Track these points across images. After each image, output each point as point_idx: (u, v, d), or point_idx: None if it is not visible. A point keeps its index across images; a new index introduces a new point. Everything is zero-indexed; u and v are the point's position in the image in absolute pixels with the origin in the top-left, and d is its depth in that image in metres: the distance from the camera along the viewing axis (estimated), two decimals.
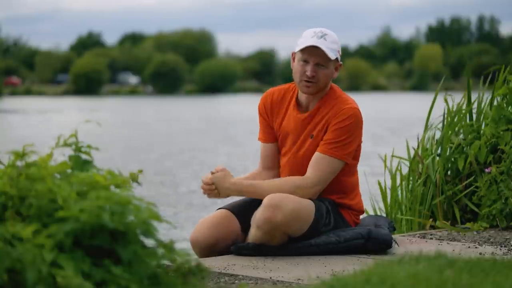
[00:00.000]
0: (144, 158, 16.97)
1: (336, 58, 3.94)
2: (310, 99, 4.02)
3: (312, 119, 4.00)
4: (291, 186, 3.91)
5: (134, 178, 2.57)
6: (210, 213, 4.13)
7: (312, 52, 3.89)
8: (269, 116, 4.11)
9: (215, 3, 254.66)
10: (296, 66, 3.96)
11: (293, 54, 3.99)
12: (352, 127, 3.92)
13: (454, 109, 5.31)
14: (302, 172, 3.98)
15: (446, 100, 5.29)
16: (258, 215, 3.86)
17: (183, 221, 8.80)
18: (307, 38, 3.91)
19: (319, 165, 3.92)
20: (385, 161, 5.41)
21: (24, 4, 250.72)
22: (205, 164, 15.60)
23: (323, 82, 3.94)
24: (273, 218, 3.81)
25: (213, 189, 3.97)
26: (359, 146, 4.02)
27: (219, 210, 4.09)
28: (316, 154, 3.94)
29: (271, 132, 4.13)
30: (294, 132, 4.04)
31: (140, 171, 2.58)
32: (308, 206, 3.89)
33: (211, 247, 3.96)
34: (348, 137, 3.91)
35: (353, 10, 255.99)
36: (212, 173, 3.98)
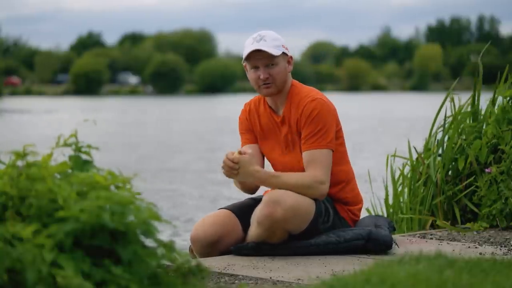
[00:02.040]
0: (187, 157, 17.01)
1: (284, 53, 4.00)
2: (276, 99, 4.08)
3: (285, 121, 4.05)
4: (309, 180, 3.91)
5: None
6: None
7: (257, 57, 3.97)
8: (250, 124, 4.16)
9: (215, 3, 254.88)
10: (250, 75, 4.04)
11: (245, 66, 4.06)
12: (322, 115, 3.96)
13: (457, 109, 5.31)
14: (301, 170, 4.00)
15: (452, 100, 5.28)
16: (259, 211, 3.87)
17: None
18: (248, 46, 3.99)
19: (316, 161, 3.94)
20: (387, 162, 5.41)
21: (25, 4, 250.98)
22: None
23: (280, 79, 3.99)
24: (274, 214, 3.82)
25: (236, 169, 3.89)
26: (339, 131, 4.06)
27: (220, 209, 4.10)
28: (305, 153, 3.97)
29: (254, 135, 4.17)
30: (280, 135, 4.09)
31: (138, 193, 2.57)
32: (307, 203, 3.90)
33: (212, 245, 3.97)
34: (323, 126, 3.96)
35: (354, 10, 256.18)
36: (240, 153, 3.91)
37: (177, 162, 16.06)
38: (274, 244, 3.92)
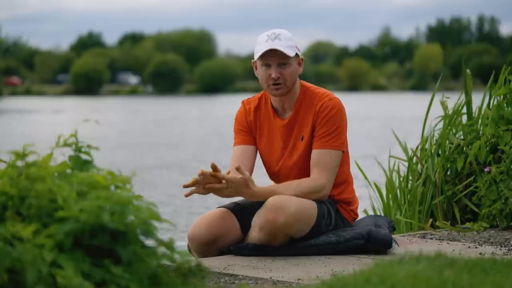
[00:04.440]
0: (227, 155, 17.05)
1: (296, 54, 3.98)
2: (284, 101, 4.04)
3: (296, 121, 4.02)
4: (306, 189, 3.90)
5: None
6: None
7: (270, 54, 3.92)
8: (249, 125, 4.12)
9: (215, 3, 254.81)
10: (260, 73, 3.98)
11: (254, 63, 4.01)
12: (338, 115, 3.97)
13: (453, 108, 5.31)
14: (296, 175, 3.99)
15: (442, 104, 5.28)
16: (261, 217, 3.85)
17: None
18: (262, 44, 3.94)
19: (323, 163, 3.92)
20: (357, 163, 5.40)
21: (26, 4, 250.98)
22: None
23: (290, 80, 3.97)
24: (276, 220, 3.80)
25: (224, 188, 3.78)
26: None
27: (218, 208, 4.09)
28: (315, 152, 3.95)
29: (249, 136, 4.12)
30: (280, 139, 4.06)
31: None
32: (310, 208, 3.89)
33: (209, 244, 3.95)
34: (338, 126, 3.96)
35: (354, 10, 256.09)
36: (237, 169, 3.77)
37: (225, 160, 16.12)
38: (275, 246, 3.91)
